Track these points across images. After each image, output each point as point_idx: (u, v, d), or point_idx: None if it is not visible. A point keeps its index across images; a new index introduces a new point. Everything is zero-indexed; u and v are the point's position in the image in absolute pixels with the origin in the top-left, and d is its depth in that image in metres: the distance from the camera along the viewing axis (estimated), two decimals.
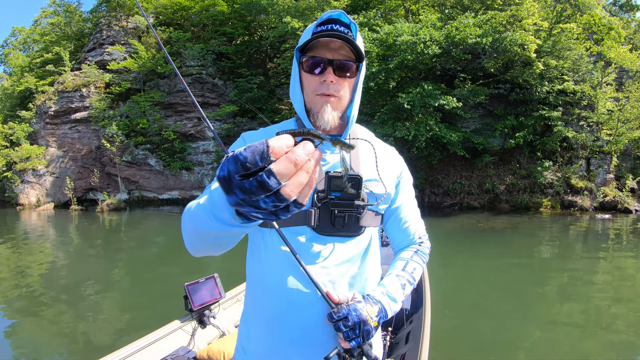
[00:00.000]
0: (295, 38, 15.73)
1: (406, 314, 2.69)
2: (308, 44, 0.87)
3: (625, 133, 13.93)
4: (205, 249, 0.74)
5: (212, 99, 18.33)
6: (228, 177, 0.42)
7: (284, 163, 0.40)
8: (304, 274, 0.85)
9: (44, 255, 8.30)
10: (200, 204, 0.66)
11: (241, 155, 0.40)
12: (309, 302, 0.86)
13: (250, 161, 0.40)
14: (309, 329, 0.86)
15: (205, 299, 2.44)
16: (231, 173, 0.41)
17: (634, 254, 7.17)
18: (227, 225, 0.56)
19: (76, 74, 19.42)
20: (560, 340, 3.63)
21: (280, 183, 0.40)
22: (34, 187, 18.26)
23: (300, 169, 0.41)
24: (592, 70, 13.85)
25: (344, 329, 0.79)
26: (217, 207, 0.56)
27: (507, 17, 12.78)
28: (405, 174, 1.03)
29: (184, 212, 0.75)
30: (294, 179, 0.41)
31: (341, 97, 0.90)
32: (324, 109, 0.88)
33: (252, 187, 0.40)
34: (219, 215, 0.56)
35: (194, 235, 0.71)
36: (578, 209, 12.57)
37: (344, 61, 0.87)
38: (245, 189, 0.41)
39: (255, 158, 0.40)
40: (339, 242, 0.89)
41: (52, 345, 3.84)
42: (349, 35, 0.87)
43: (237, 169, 0.41)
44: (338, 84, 0.88)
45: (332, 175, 0.83)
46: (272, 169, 0.40)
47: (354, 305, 0.81)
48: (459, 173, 14.23)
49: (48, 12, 24.85)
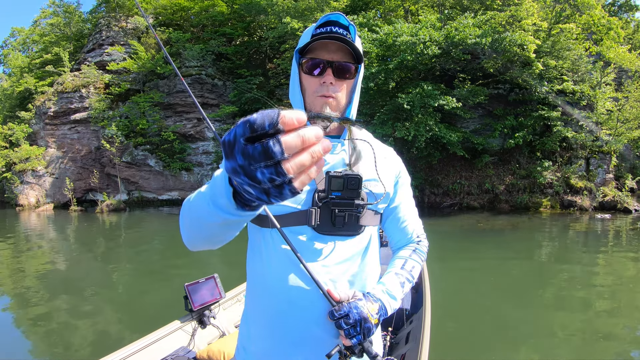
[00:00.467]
0: (294, 38, 15.75)
1: (406, 314, 2.69)
2: (307, 46, 0.89)
3: (624, 133, 13.96)
4: (201, 242, 0.74)
5: (211, 100, 18.34)
6: (233, 139, 0.41)
7: (293, 136, 0.39)
8: (304, 273, 0.86)
9: (44, 256, 8.30)
10: (200, 191, 0.66)
11: (251, 118, 0.40)
12: (310, 301, 0.86)
13: (259, 124, 0.39)
14: (310, 328, 0.86)
15: (205, 299, 2.44)
16: (237, 135, 0.40)
17: (636, 254, 7.18)
18: (224, 212, 0.56)
19: (76, 74, 19.42)
20: (560, 339, 3.63)
21: (284, 154, 0.39)
22: (33, 187, 18.25)
23: (306, 150, 0.40)
24: (592, 70, 13.87)
25: (346, 326, 0.80)
26: (216, 192, 0.56)
27: (506, 18, 12.80)
28: (403, 174, 1.05)
29: (183, 204, 0.75)
30: (297, 157, 0.40)
31: (340, 98, 0.92)
32: (323, 109, 0.90)
33: (254, 152, 0.39)
34: (217, 201, 0.56)
35: (191, 226, 0.71)
36: (578, 208, 12.59)
37: (343, 63, 0.89)
38: (247, 154, 0.40)
39: (265, 122, 0.39)
40: (340, 241, 0.90)
41: (51, 346, 3.84)
42: (348, 37, 0.88)
43: (244, 131, 0.40)
44: (337, 85, 0.90)
45: (332, 175, 0.84)
46: (279, 138, 0.39)
47: (354, 303, 0.82)
48: (459, 173, 14.24)
49: (47, 13, 24.86)
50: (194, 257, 7.19)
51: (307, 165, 0.41)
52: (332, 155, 0.94)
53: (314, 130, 0.41)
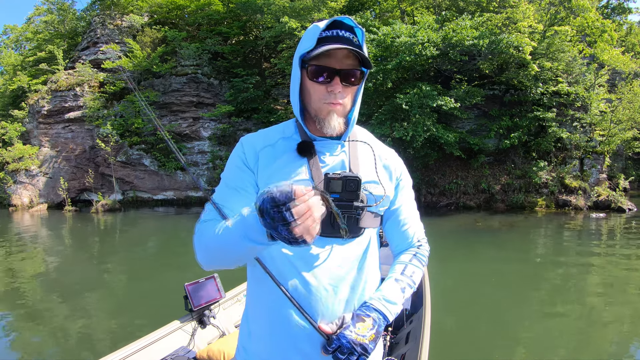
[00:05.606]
0: (292, 38, 15.71)
1: (406, 314, 2.70)
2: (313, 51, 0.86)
3: (617, 134, 14.13)
4: (223, 264, 0.84)
5: (207, 99, 18.25)
6: (263, 206, 0.60)
7: (301, 205, 0.59)
8: (304, 273, 0.87)
9: (38, 257, 8.20)
10: (229, 227, 0.76)
11: (274, 194, 0.59)
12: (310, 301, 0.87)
13: (279, 198, 0.59)
14: (310, 328, 0.86)
15: (205, 299, 2.43)
16: (265, 203, 0.60)
17: (630, 251, 7.27)
18: (257, 243, 0.70)
19: (70, 72, 19.20)
20: (559, 339, 3.66)
21: (294, 217, 0.58)
22: (26, 187, 18.02)
23: (311, 215, 0.60)
24: (586, 72, 14.02)
25: (342, 356, 0.81)
26: (250, 228, 0.69)
27: (502, 20, 12.89)
28: (404, 176, 1.04)
29: (201, 233, 0.86)
30: (304, 222, 0.59)
31: (346, 104, 0.91)
32: (330, 116, 0.89)
33: (275, 216, 0.59)
34: (251, 235, 0.69)
35: (216, 253, 0.82)
36: (572, 208, 12.73)
37: (352, 70, 0.88)
38: (271, 216, 0.59)
39: (283, 197, 0.59)
40: (339, 244, 0.89)
41: (50, 347, 3.79)
42: (355, 41, 0.87)
43: (270, 202, 0.59)
44: (344, 91, 0.89)
45: (330, 176, 0.82)
46: (290, 207, 0.58)
47: (342, 334, 0.83)
48: (455, 173, 14.32)
49: (41, 10, 24.54)
50: (192, 258, 7.14)
51: (311, 225, 0.60)
52: (332, 156, 0.93)
53: (317, 199, 0.61)
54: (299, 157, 0.92)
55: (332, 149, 0.94)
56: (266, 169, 0.91)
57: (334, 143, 0.94)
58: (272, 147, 0.94)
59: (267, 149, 0.94)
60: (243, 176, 0.92)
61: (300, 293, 0.86)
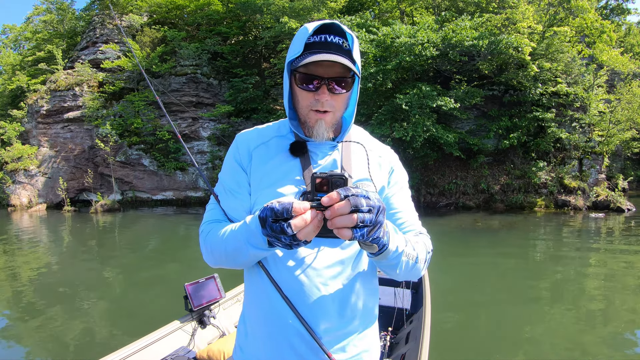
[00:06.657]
0: (291, 38, 15.65)
1: (406, 314, 2.70)
2: (299, 58, 0.84)
3: (616, 134, 14.16)
4: (229, 265, 0.90)
5: (206, 99, 18.23)
6: (265, 218, 0.69)
7: (300, 220, 0.65)
8: (302, 273, 0.87)
9: (37, 257, 8.18)
10: (234, 231, 0.83)
11: (275, 208, 0.67)
12: None
13: (279, 212, 0.66)
14: (304, 329, 0.86)
15: (206, 299, 2.43)
16: (267, 216, 0.68)
17: (630, 252, 7.28)
18: (258, 249, 0.77)
19: (69, 72, 19.15)
20: (559, 339, 3.66)
21: (294, 231, 0.65)
22: (25, 187, 17.97)
23: (307, 227, 0.66)
24: (585, 72, 14.05)
25: (365, 206, 0.64)
26: (253, 235, 0.76)
27: (502, 20, 12.91)
28: (397, 170, 1.01)
29: (205, 235, 0.92)
30: (304, 229, 0.66)
31: (337, 110, 0.89)
32: (318, 124, 0.88)
33: (276, 228, 0.67)
34: (252, 241, 0.77)
35: (222, 255, 0.87)
36: (571, 208, 12.75)
37: (339, 78, 0.85)
38: (273, 228, 0.67)
39: (283, 212, 0.66)
40: (329, 244, 0.88)
41: (49, 347, 3.78)
42: (345, 46, 0.85)
43: (271, 215, 0.67)
44: (333, 99, 0.86)
45: (316, 176, 0.77)
46: (291, 222, 0.65)
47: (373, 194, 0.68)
48: (454, 173, 14.33)
49: (40, 10, 24.50)
50: (192, 258, 7.15)
51: (311, 231, 0.66)
52: (325, 156, 0.93)
53: (314, 215, 0.66)
54: (291, 158, 0.92)
55: (324, 149, 0.94)
56: (259, 169, 0.92)
57: (326, 143, 0.93)
58: (265, 145, 0.95)
59: (261, 148, 0.95)
60: (238, 178, 0.94)
61: (294, 292, 0.85)
